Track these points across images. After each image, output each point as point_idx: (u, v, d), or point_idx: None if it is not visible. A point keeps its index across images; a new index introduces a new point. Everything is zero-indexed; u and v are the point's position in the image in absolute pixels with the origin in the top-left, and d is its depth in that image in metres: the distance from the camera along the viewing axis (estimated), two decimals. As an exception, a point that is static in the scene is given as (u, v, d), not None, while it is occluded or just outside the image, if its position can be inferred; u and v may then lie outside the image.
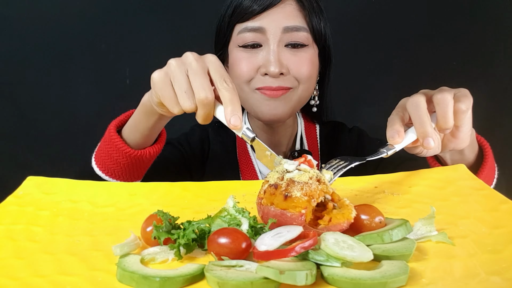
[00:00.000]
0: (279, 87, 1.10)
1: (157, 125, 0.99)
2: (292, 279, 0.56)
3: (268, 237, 0.64)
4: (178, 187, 0.97)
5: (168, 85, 0.82)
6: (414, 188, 0.92)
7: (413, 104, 0.85)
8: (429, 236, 0.70)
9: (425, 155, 0.96)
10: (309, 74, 1.13)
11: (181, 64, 0.82)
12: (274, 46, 1.09)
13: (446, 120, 0.84)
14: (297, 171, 0.73)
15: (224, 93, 0.78)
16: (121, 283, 0.61)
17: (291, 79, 1.12)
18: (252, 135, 0.80)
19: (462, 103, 0.86)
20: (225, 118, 0.78)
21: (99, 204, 0.89)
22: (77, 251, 0.71)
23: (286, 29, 1.09)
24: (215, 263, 0.63)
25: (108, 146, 1.02)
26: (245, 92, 1.15)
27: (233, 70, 1.16)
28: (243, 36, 1.10)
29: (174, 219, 0.72)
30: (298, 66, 1.11)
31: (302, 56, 1.12)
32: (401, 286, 0.57)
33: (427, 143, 0.82)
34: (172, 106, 0.82)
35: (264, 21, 1.08)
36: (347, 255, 0.60)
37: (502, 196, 0.83)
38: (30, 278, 0.63)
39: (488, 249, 0.66)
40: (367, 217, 0.72)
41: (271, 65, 1.08)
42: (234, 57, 1.14)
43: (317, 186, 0.71)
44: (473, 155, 1.03)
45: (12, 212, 0.83)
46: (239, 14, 1.10)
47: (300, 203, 0.68)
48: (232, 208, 0.74)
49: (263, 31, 1.09)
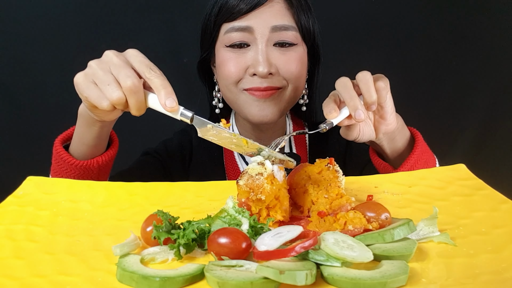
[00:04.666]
0: (268, 87, 1.08)
1: (100, 134, 0.99)
2: (292, 279, 0.56)
3: (268, 237, 0.64)
4: (178, 187, 0.97)
5: (90, 83, 0.82)
6: (414, 188, 0.92)
7: (341, 84, 0.93)
8: (431, 236, 0.70)
9: (362, 139, 1.01)
10: (299, 73, 1.12)
11: (100, 62, 0.82)
12: (262, 45, 1.07)
13: (370, 94, 0.92)
14: (256, 164, 0.78)
15: (154, 80, 0.79)
16: (121, 283, 0.61)
17: (280, 79, 1.10)
18: (190, 114, 0.81)
19: (380, 82, 0.94)
20: (160, 103, 0.79)
21: (99, 204, 0.89)
22: (77, 251, 0.71)
23: (274, 28, 1.07)
24: (215, 263, 0.63)
25: (56, 161, 1.02)
26: (233, 93, 1.13)
27: (220, 70, 1.14)
28: (230, 36, 1.09)
29: (174, 219, 0.72)
30: (287, 66, 1.10)
31: (291, 55, 1.10)
32: (401, 286, 0.57)
33: (358, 114, 0.89)
34: (99, 101, 0.81)
35: (252, 20, 1.07)
36: (347, 255, 0.60)
37: (502, 196, 0.83)
38: (30, 278, 0.63)
39: (488, 249, 0.66)
40: (373, 214, 0.73)
41: (259, 65, 1.06)
42: (221, 57, 1.13)
43: (263, 183, 0.76)
44: (404, 140, 1.08)
45: (12, 212, 0.83)
46: (225, 13, 1.08)
47: (241, 192, 0.78)
48: (232, 208, 0.74)
49: (251, 30, 1.07)
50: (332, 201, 0.79)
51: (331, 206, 0.78)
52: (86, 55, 1.76)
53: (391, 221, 0.73)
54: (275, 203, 0.78)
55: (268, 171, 0.77)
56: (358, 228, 0.70)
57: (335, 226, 0.72)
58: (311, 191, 0.82)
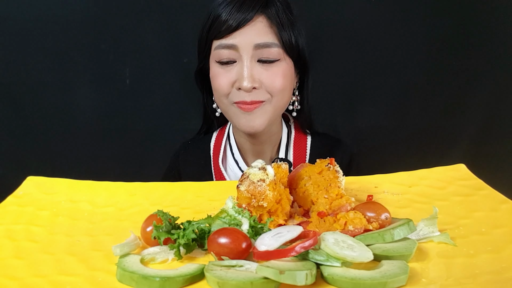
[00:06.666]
0: (252, 101, 1.14)
1: None
2: (292, 279, 0.56)
3: (268, 237, 0.64)
4: (178, 187, 0.97)
5: None
6: (414, 188, 0.92)
7: None
8: (431, 236, 0.70)
9: None
10: (282, 87, 1.17)
11: None
12: (247, 62, 1.13)
13: None
14: (257, 170, 0.77)
15: None
16: (121, 283, 0.62)
17: (263, 93, 1.16)
18: None
19: None
20: None
21: (99, 204, 0.89)
22: (77, 251, 0.71)
23: (257, 46, 1.13)
24: (215, 263, 0.63)
25: None
26: (225, 105, 1.20)
27: (213, 83, 1.22)
28: (219, 53, 1.16)
29: (174, 219, 0.72)
30: (270, 80, 1.15)
31: (273, 70, 1.16)
32: (401, 286, 0.57)
33: None
34: None
35: (237, 38, 1.13)
36: (347, 255, 0.60)
37: (502, 196, 0.83)
38: (30, 278, 0.63)
39: (488, 249, 0.66)
40: (373, 214, 0.73)
41: (244, 80, 1.12)
42: (213, 71, 1.20)
43: (265, 189, 0.75)
44: None
45: (12, 212, 0.83)
46: (214, 31, 1.16)
47: (241, 197, 0.76)
48: (232, 209, 0.74)
49: (236, 48, 1.14)
50: (332, 201, 0.79)
51: (331, 206, 0.79)
52: (86, 55, 1.76)
53: (391, 221, 0.73)
54: (277, 207, 0.78)
55: (270, 177, 0.77)
56: (358, 229, 0.70)
57: (335, 227, 0.72)
58: (311, 191, 0.82)
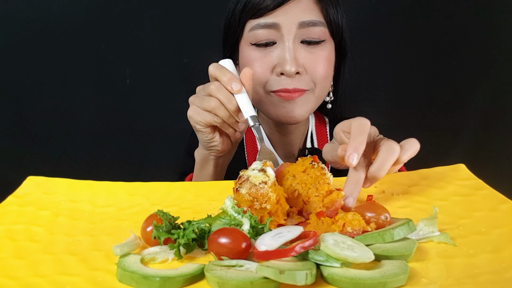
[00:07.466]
0: (295, 89, 1.04)
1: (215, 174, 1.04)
2: (292, 279, 0.55)
3: (268, 237, 0.64)
4: (178, 187, 0.97)
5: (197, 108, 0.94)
6: (414, 188, 0.92)
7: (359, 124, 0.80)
8: (431, 236, 0.70)
9: None
10: (326, 74, 1.08)
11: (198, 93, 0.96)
12: (289, 43, 1.02)
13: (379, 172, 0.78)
14: (257, 172, 0.76)
15: None
16: (121, 283, 0.61)
17: (307, 81, 1.06)
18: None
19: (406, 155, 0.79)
20: None
21: (99, 204, 0.89)
22: (77, 251, 0.71)
23: (302, 24, 1.02)
24: (215, 263, 0.63)
25: None
26: (259, 94, 1.09)
27: None
28: (256, 33, 1.04)
29: (174, 219, 0.72)
30: (314, 66, 1.05)
31: (318, 54, 1.06)
32: (401, 286, 0.57)
33: (352, 158, 0.75)
34: (218, 110, 0.92)
35: (279, 17, 1.01)
36: (348, 255, 0.60)
37: (502, 196, 0.82)
38: (30, 278, 0.63)
39: (488, 249, 0.66)
40: (373, 214, 0.72)
41: (287, 64, 1.01)
42: (246, 56, 1.08)
43: (268, 192, 0.74)
44: None
45: (12, 212, 0.83)
46: (251, 9, 1.03)
47: (243, 200, 0.74)
48: (231, 208, 0.74)
49: (277, 27, 1.02)
50: (323, 198, 0.78)
51: (323, 203, 0.77)
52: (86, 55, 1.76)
53: (391, 221, 0.73)
54: (277, 207, 0.77)
55: (272, 179, 0.75)
56: (357, 230, 0.70)
57: (334, 228, 0.71)
58: (300, 191, 0.80)
